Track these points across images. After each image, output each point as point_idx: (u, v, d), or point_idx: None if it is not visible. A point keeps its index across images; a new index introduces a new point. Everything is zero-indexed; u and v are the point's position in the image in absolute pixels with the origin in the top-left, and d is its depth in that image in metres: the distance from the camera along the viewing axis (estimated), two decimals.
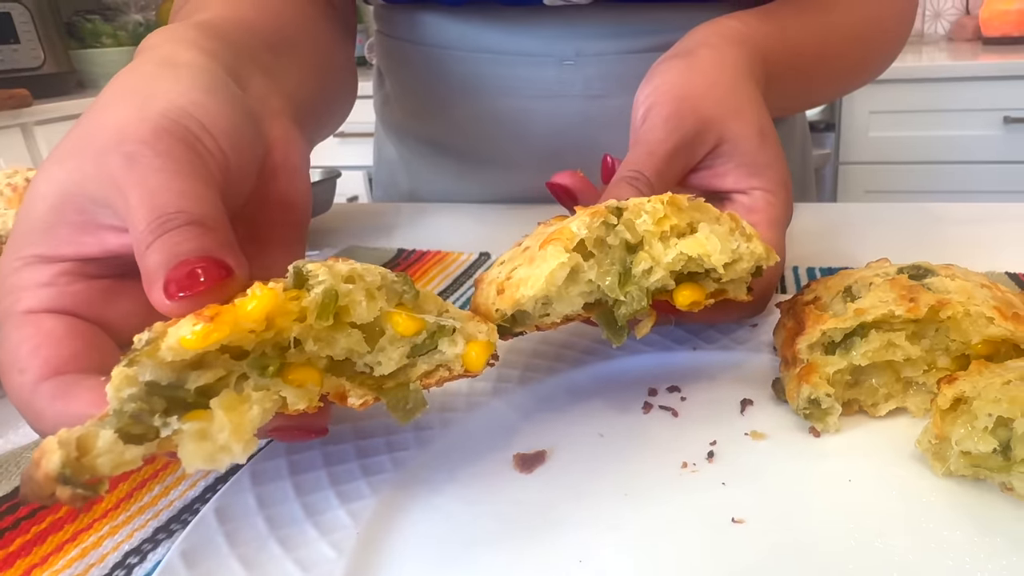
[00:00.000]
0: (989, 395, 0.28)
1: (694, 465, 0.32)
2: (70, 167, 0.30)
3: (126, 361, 0.23)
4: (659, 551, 0.27)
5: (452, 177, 0.82)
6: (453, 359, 0.29)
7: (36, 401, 0.27)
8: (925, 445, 0.30)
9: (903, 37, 0.67)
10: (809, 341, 0.34)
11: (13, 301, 0.30)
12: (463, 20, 0.70)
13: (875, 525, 0.28)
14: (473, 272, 0.61)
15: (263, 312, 0.24)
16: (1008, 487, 0.28)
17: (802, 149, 0.85)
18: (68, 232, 0.30)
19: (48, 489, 0.21)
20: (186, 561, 0.26)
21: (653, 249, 0.32)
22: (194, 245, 0.27)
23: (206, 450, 0.23)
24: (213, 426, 0.23)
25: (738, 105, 0.43)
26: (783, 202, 0.42)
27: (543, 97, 0.71)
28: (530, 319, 0.32)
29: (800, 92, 0.60)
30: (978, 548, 0.26)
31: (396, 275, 0.28)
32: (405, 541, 0.28)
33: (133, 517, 0.32)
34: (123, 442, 0.22)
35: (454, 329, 0.28)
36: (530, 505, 0.30)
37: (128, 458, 0.22)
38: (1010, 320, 0.32)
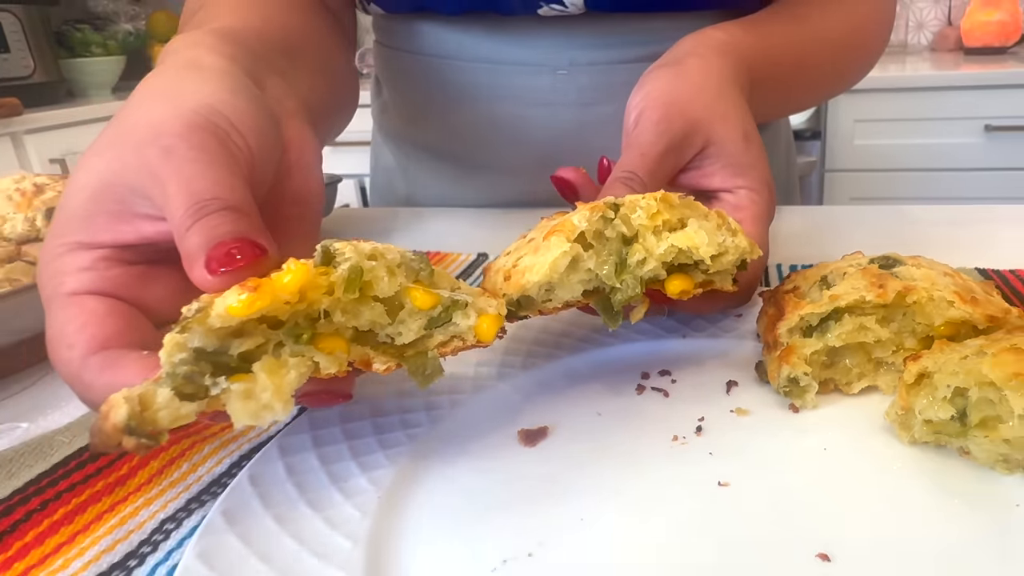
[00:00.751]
0: (948, 369, 0.31)
1: (684, 439, 0.35)
2: (109, 158, 0.33)
3: (178, 328, 0.26)
4: (654, 512, 0.30)
5: (449, 182, 0.84)
6: (466, 330, 0.31)
7: (85, 373, 0.30)
8: (892, 416, 0.33)
9: (881, 47, 0.71)
10: (789, 325, 0.37)
11: (57, 284, 0.32)
12: (461, 30, 0.73)
13: (847, 488, 0.31)
14: (472, 271, 0.63)
15: (298, 284, 0.27)
16: (965, 451, 0.31)
17: (786, 155, 0.89)
18: (106, 220, 0.32)
19: (115, 439, 0.24)
20: (226, 519, 0.28)
21: (647, 242, 0.35)
22: (230, 228, 0.29)
23: (251, 408, 0.26)
24: (257, 387, 0.26)
25: (724, 110, 0.46)
26: (766, 200, 0.45)
27: (538, 105, 0.74)
28: (534, 304, 0.35)
29: (781, 99, 0.63)
30: (939, 507, 0.29)
31: (414, 254, 0.31)
32: (421, 504, 0.31)
33: (166, 490, 0.35)
34: (178, 399, 0.25)
35: (467, 303, 0.31)
36: (534, 474, 0.33)
37: (184, 412, 0.25)
38: (968, 303, 0.35)
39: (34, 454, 0.38)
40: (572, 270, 0.34)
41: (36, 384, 0.48)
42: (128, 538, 0.32)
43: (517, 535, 0.29)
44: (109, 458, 0.37)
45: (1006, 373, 0.28)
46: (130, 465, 0.37)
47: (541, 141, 0.76)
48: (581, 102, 0.73)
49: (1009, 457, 0.30)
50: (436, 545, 0.29)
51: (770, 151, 0.85)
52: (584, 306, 0.37)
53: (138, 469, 0.36)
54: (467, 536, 0.30)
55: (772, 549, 0.28)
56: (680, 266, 0.37)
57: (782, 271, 0.57)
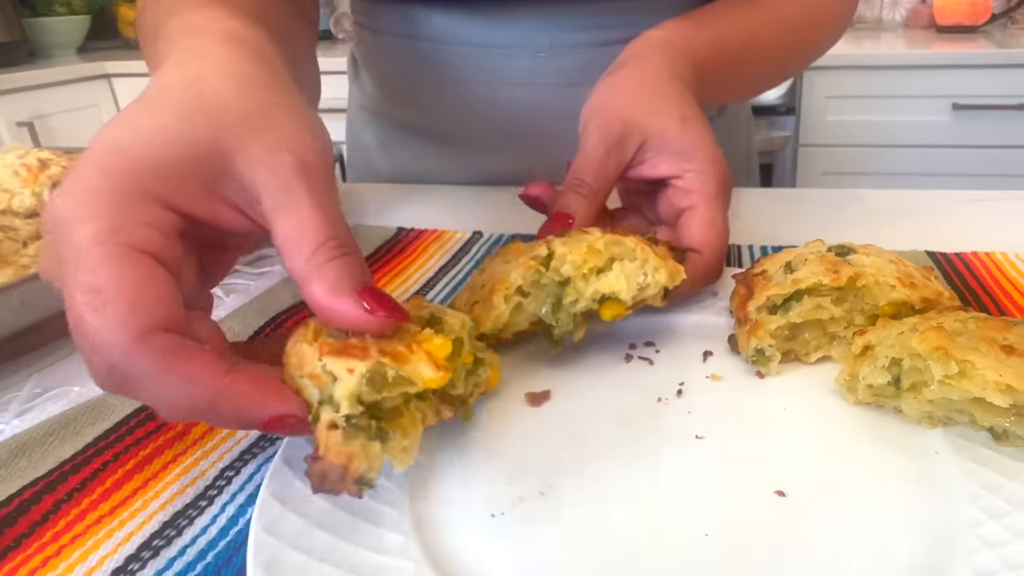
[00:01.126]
0: (887, 342, 0.38)
1: (666, 399, 0.41)
2: (208, 128, 0.30)
3: (365, 378, 0.30)
4: (642, 460, 0.36)
5: (432, 159, 0.87)
6: (485, 380, 0.39)
7: (145, 351, 0.27)
8: (841, 381, 0.40)
9: (843, 23, 0.73)
10: (757, 304, 0.43)
11: (114, 227, 0.28)
12: (444, 13, 0.75)
13: (802, 440, 0.37)
14: (469, 248, 0.68)
15: (447, 353, 0.33)
16: (899, 410, 0.38)
17: (747, 137, 0.92)
18: (198, 189, 0.31)
19: (343, 488, 0.29)
20: (288, 464, 0.34)
21: (577, 286, 0.42)
22: (366, 277, 0.31)
23: (406, 456, 0.32)
24: (410, 437, 0.32)
25: (658, 104, 0.49)
26: (714, 178, 0.48)
27: (518, 85, 0.77)
28: (493, 335, 0.42)
29: (735, 81, 0.66)
30: (876, 453, 0.36)
31: (470, 321, 0.38)
32: (447, 456, 0.37)
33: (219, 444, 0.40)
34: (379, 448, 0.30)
35: (484, 358, 0.39)
36: (541, 429, 0.39)
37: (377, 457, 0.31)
38: (908, 287, 0.41)
39: (93, 413, 0.43)
40: (517, 311, 0.42)
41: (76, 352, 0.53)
42: (195, 484, 0.37)
43: (529, 479, 0.35)
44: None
45: (930, 347, 0.34)
46: (183, 423, 0.42)
47: (519, 121, 0.79)
48: (561, 83, 0.76)
49: (932, 414, 0.37)
50: (459, 485, 0.35)
51: (731, 132, 0.88)
52: (533, 331, 0.44)
53: (191, 426, 0.42)
54: (487, 478, 0.36)
55: (739, 488, 0.34)
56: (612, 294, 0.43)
57: (754, 252, 0.63)
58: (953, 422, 0.36)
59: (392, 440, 0.32)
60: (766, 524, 0.32)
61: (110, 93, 2.50)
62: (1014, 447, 0.34)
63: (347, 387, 0.30)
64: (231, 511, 0.35)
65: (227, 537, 0.34)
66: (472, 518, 0.33)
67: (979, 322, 0.37)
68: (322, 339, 0.32)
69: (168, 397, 0.28)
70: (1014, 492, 0.31)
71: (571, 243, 0.42)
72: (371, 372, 0.30)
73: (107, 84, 2.48)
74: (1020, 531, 0.29)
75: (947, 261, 0.59)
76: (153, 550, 0.33)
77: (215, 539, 0.34)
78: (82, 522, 0.35)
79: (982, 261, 0.58)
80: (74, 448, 0.39)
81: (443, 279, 0.62)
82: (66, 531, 0.34)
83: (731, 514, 0.32)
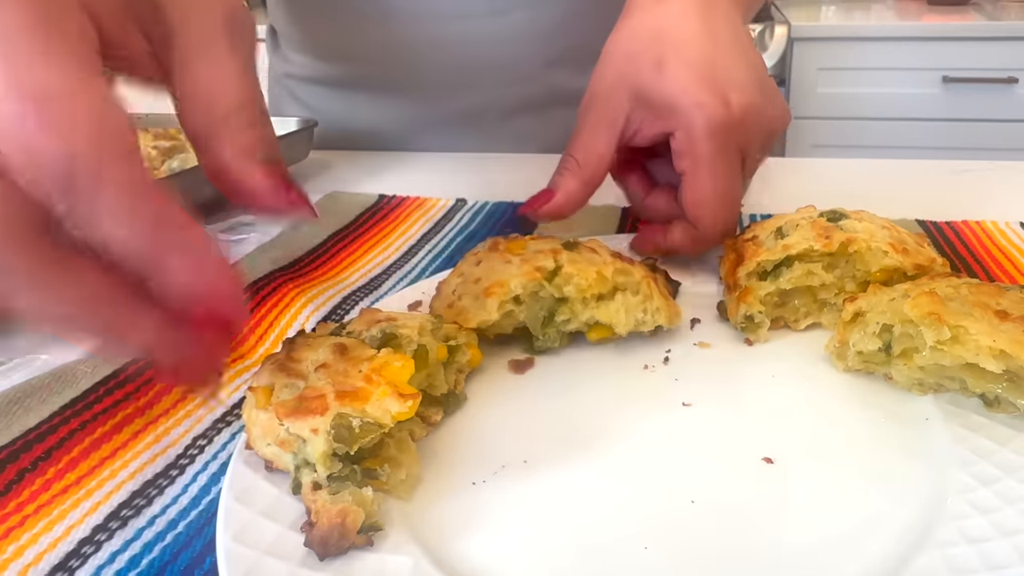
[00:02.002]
0: (878, 308, 0.37)
1: (653, 367, 0.40)
2: None
3: (331, 435, 0.29)
4: (628, 426, 0.35)
5: (370, 112, 0.83)
6: (467, 363, 0.39)
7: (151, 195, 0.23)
8: (831, 348, 0.39)
9: None
10: (747, 270, 0.42)
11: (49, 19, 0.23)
12: None
13: (790, 407, 0.37)
14: (452, 216, 0.66)
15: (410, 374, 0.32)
16: (889, 377, 0.37)
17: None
18: (116, 4, 0.26)
19: (348, 543, 0.28)
20: None
21: (575, 307, 0.40)
22: (282, 163, 0.28)
23: (408, 484, 0.32)
24: (403, 467, 0.32)
25: (632, 49, 0.43)
26: (704, 129, 0.40)
27: (451, 18, 0.74)
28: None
29: None
30: (865, 421, 0.35)
31: (429, 318, 0.37)
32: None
33: (192, 412, 0.39)
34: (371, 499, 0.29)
35: (461, 344, 0.38)
36: (525, 397, 0.38)
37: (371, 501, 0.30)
38: (900, 253, 0.40)
39: (60, 382, 0.41)
40: (506, 316, 0.40)
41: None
42: (165, 453, 0.36)
43: (513, 446, 0.34)
44: (135, 384, 0.41)
45: (923, 312, 0.34)
46: (155, 391, 0.40)
47: (458, 56, 0.76)
48: (495, 11, 0.73)
49: (923, 381, 0.36)
50: (441, 454, 0.34)
51: None
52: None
53: (162, 395, 0.40)
54: (470, 446, 0.35)
55: (726, 455, 0.33)
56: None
57: (743, 221, 0.62)
58: (944, 389, 0.36)
59: (384, 476, 0.31)
60: (754, 491, 0.31)
61: None
62: (1005, 413, 0.33)
63: (317, 449, 0.29)
64: (203, 480, 0.34)
65: (199, 507, 0.33)
66: (453, 486, 0.32)
67: (972, 288, 0.36)
68: (275, 402, 0.31)
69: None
70: (1006, 458, 0.31)
71: (580, 263, 0.40)
72: (336, 427, 0.29)
73: None
74: (1012, 497, 0.29)
75: (937, 230, 0.58)
76: (121, 520, 0.32)
77: (186, 508, 0.33)
78: (47, 492, 0.33)
79: (972, 230, 0.58)
80: (39, 417, 0.38)
81: (425, 246, 0.60)
82: (30, 501, 0.33)
83: (718, 481, 0.32)
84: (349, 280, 0.54)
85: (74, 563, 0.30)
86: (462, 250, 0.57)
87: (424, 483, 0.32)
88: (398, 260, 0.58)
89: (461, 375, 0.39)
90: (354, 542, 0.28)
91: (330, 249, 0.60)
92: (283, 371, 0.33)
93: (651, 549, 0.28)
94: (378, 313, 0.37)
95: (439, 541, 0.29)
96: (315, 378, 0.32)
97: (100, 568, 0.30)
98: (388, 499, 0.31)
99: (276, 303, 0.50)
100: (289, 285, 0.52)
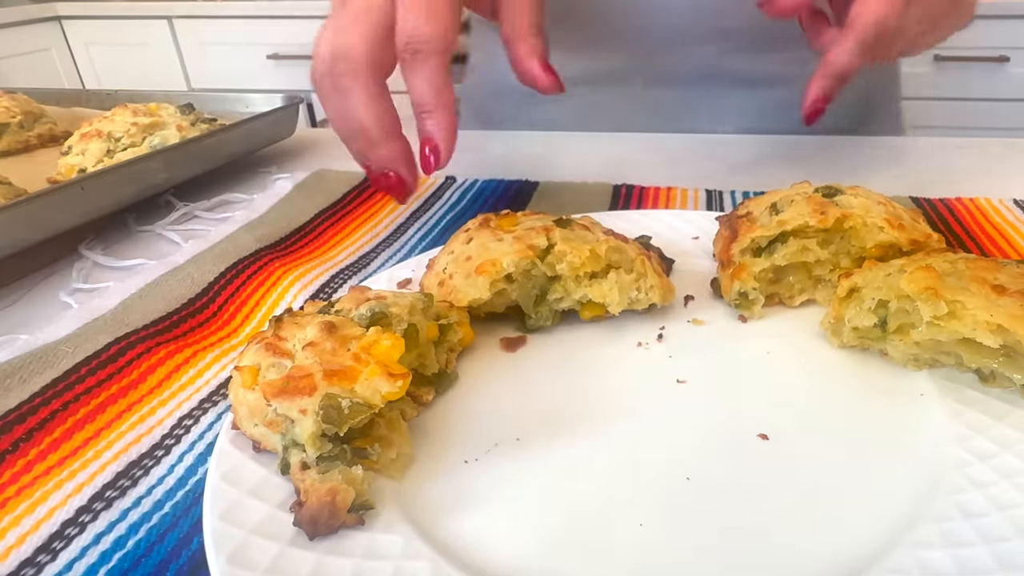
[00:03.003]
0: (874, 284, 0.36)
1: (647, 344, 0.40)
2: None
3: (320, 416, 0.29)
4: (621, 404, 0.35)
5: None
6: (458, 341, 0.38)
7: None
8: (826, 324, 0.39)
9: None
10: (741, 246, 0.42)
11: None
12: None
13: (785, 383, 0.36)
14: (441, 194, 0.66)
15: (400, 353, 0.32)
16: (884, 352, 0.37)
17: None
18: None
19: (339, 521, 0.27)
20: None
21: (567, 286, 0.40)
22: (546, 55, 0.46)
23: (399, 463, 0.31)
24: (394, 446, 0.32)
25: None
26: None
27: None
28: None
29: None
30: (860, 397, 0.35)
31: (420, 296, 0.36)
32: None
33: (176, 392, 0.38)
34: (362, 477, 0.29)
35: (452, 323, 0.38)
36: (516, 374, 0.38)
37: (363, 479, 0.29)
38: (896, 229, 0.40)
39: (41, 362, 0.40)
40: (498, 295, 0.40)
41: (23, 299, 0.50)
42: (151, 433, 0.35)
43: (505, 424, 0.34)
44: (117, 365, 0.40)
45: (919, 287, 0.33)
46: (139, 371, 0.39)
47: (639, 16, 0.74)
48: None
49: (919, 357, 0.36)
50: (433, 433, 0.33)
51: None
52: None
53: (147, 375, 0.39)
54: (462, 425, 0.34)
55: (721, 432, 0.33)
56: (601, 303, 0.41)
57: (736, 198, 0.61)
58: (939, 364, 0.35)
59: (374, 455, 0.30)
60: (749, 467, 0.31)
61: (62, 36, 2.38)
62: (1001, 388, 0.33)
63: (306, 430, 0.28)
64: (189, 460, 0.33)
65: (185, 487, 0.32)
66: (445, 465, 0.32)
67: (969, 262, 0.35)
68: (262, 381, 0.31)
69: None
70: (1002, 433, 0.31)
71: (573, 241, 0.40)
72: (324, 408, 0.29)
73: (58, 26, 2.36)
74: (1008, 471, 0.28)
75: (932, 207, 0.58)
76: (106, 501, 0.31)
77: (173, 489, 0.32)
78: (28, 474, 0.33)
79: (966, 207, 0.57)
80: (20, 397, 0.37)
81: (414, 224, 0.59)
82: (11, 483, 0.32)
83: (713, 457, 0.31)
84: (337, 258, 0.53)
85: (58, 545, 0.29)
86: (452, 228, 0.57)
87: (416, 462, 0.32)
88: (387, 238, 0.57)
89: (452, 354, 0.38)
90: (344, 521, 0.28)
91: (317, 227, 0.58)
92: (270, 350, 0.32)
93: (646, 526, 0.28)
94: (367, 291, 0.36)
95: (431, 519, 0.29)
96: (302, 356, 0.31)
97: (85, 549, 0.29)
98: (379, 478, 0.31)
99: (263, 281, 0.49)
100: (276, 263, 0.51)
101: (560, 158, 0.74)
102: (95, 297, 0.47)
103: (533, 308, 0.40)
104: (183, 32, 2.37)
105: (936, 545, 0.26)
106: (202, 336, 0.44)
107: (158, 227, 0.59)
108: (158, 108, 0.71)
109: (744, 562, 0.26)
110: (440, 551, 0.27)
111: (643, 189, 0.64)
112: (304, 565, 0.26)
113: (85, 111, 0.85)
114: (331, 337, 0.32)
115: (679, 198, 0.62)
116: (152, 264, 0.51)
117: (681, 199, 0.61)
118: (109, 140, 0.66)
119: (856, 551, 0.26)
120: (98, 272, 0.53)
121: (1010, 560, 0.25)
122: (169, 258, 0.52)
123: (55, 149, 0.77)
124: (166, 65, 2.42)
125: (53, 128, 0.80)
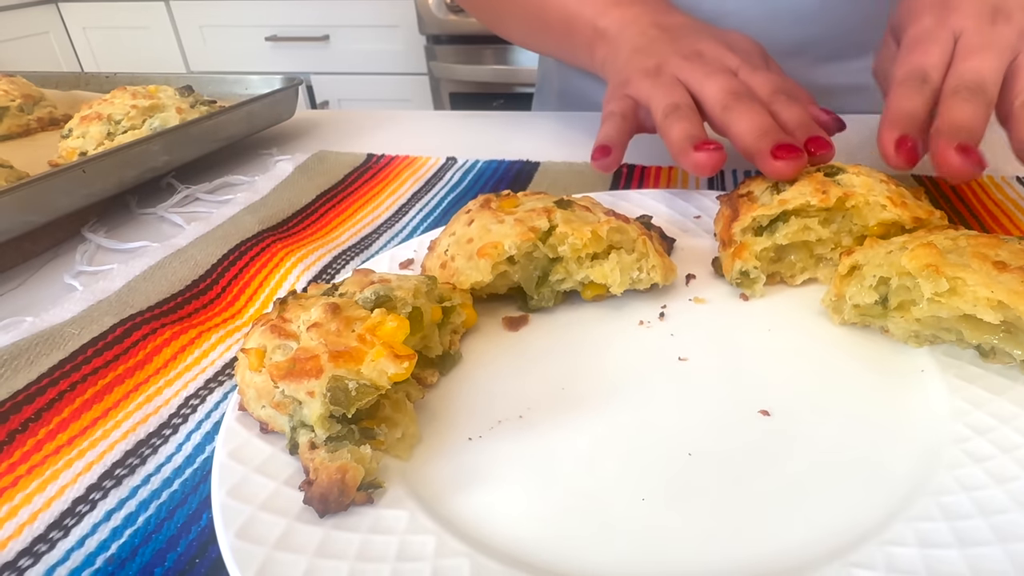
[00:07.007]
0: (875, 261, 0.36)
1: (649, 322, 0.40)
2: None
3: (327, 397, 0.29)
4: (624, 381, 0.35)
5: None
6: (462, 323, 0.39)
7: None
8: (827, 302, 0.39)
9: None
10: (742, 225, 0.42)
11: None
12: None
13: (786, 360, 0.36)
14: (443, 175, 0.65)
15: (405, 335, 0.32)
16: (885, 329, 0.37)
17: None
18: None
19: (349, 499, 0.28)
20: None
21: (569, 267, 0.40)
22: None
23: (405, 444, 0.32)
24: (400, 426, 0.32)
25: None
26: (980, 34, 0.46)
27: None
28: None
29: None
30: (861, 373, 0.35)
31: (423, 279, 0.37)
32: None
33: (182, 373, 0.38)
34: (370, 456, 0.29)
35: (455, 305, 0.38)
36: (519, 352, 0.38)
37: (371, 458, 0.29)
38: (899, 207, 0.40)
39: (48, 344, 0.41)
40: (500, 277, 0.40)
41: (27, 282, 0.50)
42: (158, 412, 0.36)
43: (509, 402, 0.34)
44: (123, 346, 0.40)
45: (920, 264, 0.33)
46: (145, 352, 0.40)
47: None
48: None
49: (919, 333, 0.36)
50: (438, 411, 0.34)
51: None
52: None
53: (153, 355, 0.40)
54: (466, 403, 0.34)
55: (723, 408, 0.33)
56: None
57: (737, 177, 0.61)
58: (939, 341, 0.36)
59: (381, 435, 0.31)
60: (750, 443, 0.31)
61: (59, 19, 2.36)
62: (1001, 364, 0.33)
63: (314, 412, 0.29)
64: (197, 439, 0.34)
65: (193, 465, 0.32)
66: (449, 443, 0.32)
67: (971, 239, 0.35)
68: (269, 363, 0.31)
69: None
70: (1001, 408, 0.31)
71: (574, 222, 0.40)
72: (332, 390, 0.29)
73: (55, 10, 2.34)
74: (1007, 446, 0.29)
75: (934, 184, 0.58)
76: (116, 479, 0.32)
77: (181, 467, 0.32)
78: (39, 452, 0.33)
79: (968, 184, 0.57)
80: (27, 379, 0.37)
81: (416, 205, 0.59)
82: (22, 462, 0.33)
83: (714, 434, 0.32)
84: (339, 240, 0.53)
85: (69, 521, 0.30)
86: (453, 209, 0.57)
87: (421, 440, 0.32)
88: (388, 219, 0.57)
89: (456, 335, 0.38)
90: (354, 499, 0.28)
91: (319, 209, 0.59)
92: (275, 332, 0.32)
93: (648, 501, 0.28)
94: (371, 274, 0.36)
95: (436, 496, 0.29)
96: (307, 338, 0.31)
97: (96, 526, 0.29)
98: (386, 458, 0.31)
99: (265, 263, 0.49)
100: (278, 245, 0.51)
101: (565, 136, 0.74)
102: (99, 279, 0.47)
103: (535, 289, 0.41)
104: (181, 14, 2.35)
105: (935, 518, 0.26)
106: (206, 317, 0.44)
107: (160, 209, 0.60)
108: (157, 90, 0.70)
109: (745, 536, 0.27)
110: (445, 526, 0.27)
111: (644, 169, 0.64)
112: (312, 539, 0.26)
113: (84, 94, 0.85)
114: (335, 318, 0.32)
115: (680, 178, 0.62)
116: (155, 246, 0.51)
117: (682, 179, 0.61)
118: (109, 123, 0.66)
119: (856, 524, 0.27)
120: (102, 255, 0.53)
121: (1008, 532, 0.25)
122: (172, 240, 0.52)
123: (55, 132, 0.77)
124: (164, 48, 2.40)
125: (53, 111, 0.80)
